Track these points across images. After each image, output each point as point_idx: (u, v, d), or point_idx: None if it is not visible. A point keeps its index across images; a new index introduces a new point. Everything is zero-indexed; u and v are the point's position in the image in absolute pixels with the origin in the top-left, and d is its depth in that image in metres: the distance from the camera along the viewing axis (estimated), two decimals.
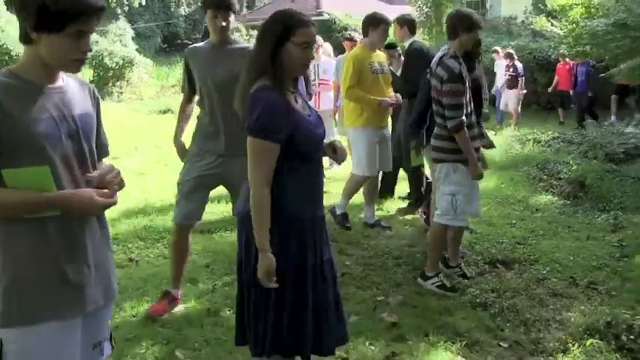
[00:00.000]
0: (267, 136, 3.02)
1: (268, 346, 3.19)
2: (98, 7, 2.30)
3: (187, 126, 4.99)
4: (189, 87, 4.82)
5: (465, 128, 5.12)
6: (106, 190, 2.42)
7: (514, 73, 16.48)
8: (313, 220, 3.29)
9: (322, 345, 3.30)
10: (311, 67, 5.36)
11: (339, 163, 3.67)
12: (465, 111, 5.18)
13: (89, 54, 2.39)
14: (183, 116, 4.96)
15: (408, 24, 7.56)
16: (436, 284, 5.43)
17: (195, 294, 5.20)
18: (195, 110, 4.90)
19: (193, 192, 4.64)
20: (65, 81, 2.44)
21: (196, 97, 4.80)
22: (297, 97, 3.27)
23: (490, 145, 6.21)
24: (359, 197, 7.38)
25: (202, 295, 5.19)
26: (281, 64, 3.11)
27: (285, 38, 3.08)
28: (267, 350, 3.20)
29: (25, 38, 2.28)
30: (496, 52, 18.16)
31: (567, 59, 17.03)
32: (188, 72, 4.79)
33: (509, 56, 17.03)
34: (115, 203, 2.46)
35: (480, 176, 5.39)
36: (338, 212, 7.22)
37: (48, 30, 2.23)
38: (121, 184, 2.50)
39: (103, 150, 2.65)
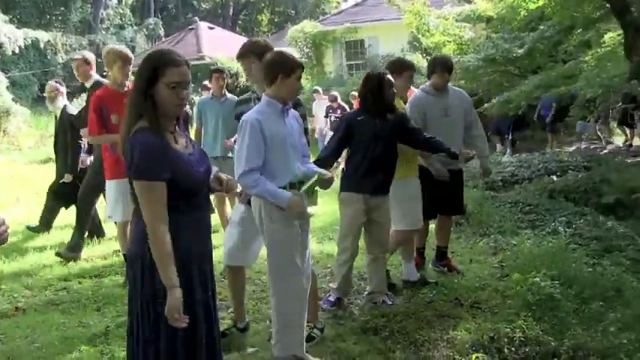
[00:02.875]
0: (150, 177, 3.03)
1: None
2: None
3: None
4: None
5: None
6: None
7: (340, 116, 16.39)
8: (200, 256, 3.31)
9: None
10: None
11: (227, 193, 3.59)
12: None
13: None
14: None
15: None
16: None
17: (87, 337, 5.09)
18: None
19: None
20: None
21: None
22: (177, 137, 3.26)
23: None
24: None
25: (95, 338, 5.07)
26: (155, 106, 3.12)
27: (155, 79, 3.10)
28: None
29: None
30: (316, 91, 18.49)
31: None
32: None
33: (333, 99, 17.33)
34: None
35: None
36: (414, 278, 6.53)
37: None
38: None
39: None
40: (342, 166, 6.42)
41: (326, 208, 8.81)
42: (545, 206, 10.32)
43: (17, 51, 31.61)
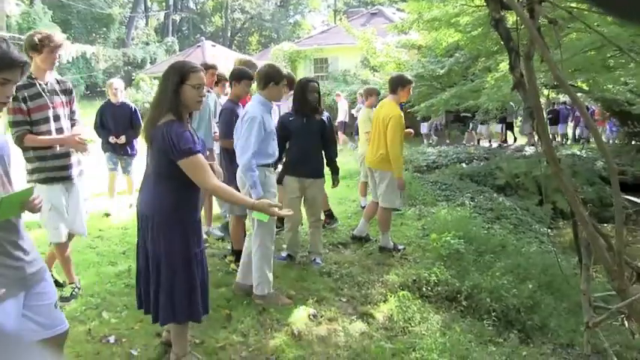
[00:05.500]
0: (193, 152, 2.99)
1: (170, 315, 3.18)
2: (22, 62, 2.24)
3: None
4: None
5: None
6: None
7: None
8: (195, 221, 3.26)
9: (205, 309, 3.34)
10: None
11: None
12: None
13: (10, 98, 2.27)
14: None
15: None
16: None
17: (115, 273, 5.06)
18: None
19: None
20: None
21: None
22: (189, 128, 3.18)
23: None
24: None
25: (121, 274, 5.04)
26: (181, 102, 3.06)
27: (182, 82, 3.05)
28: (164, 319, 3.21)
29: None
30: (338, 95, 18.65)
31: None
32: None
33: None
34: None
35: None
36: (390, 246, 6.16)
37: None
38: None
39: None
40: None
41: None
42: (457, 185, 10.53)
43: (70, 60, 31.17)
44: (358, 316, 4.51)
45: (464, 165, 13.08)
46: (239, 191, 4.31)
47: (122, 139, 7.25)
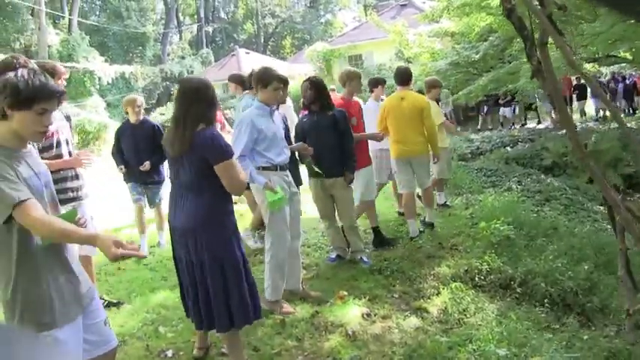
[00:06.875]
0: (232, 154, 3.15)
1: (227, 322, 3.25)
2: (59, 92, 2.32)
3: None
4: None
5: None
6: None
7: None
8: (235, 223, 3.34)
9: (258, 313, 3.39)
10: None
11: None
12: None
13: (50, 127, 2.35)
14: None
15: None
16: None
17: (168, 287, 5.13)
18: None
19: None
20: (29, 145, 2.40)
21: None
22: None
23: None
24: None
25: (173, 288, 5.08)
26: (214, 113, 3.23)
27: (213, 95, 3.23)
28: (222, 327, 3.28)
29: (1, 114, 2.24)
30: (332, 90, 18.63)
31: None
32: None
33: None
34: None
35: None
36: (434, 220, 6.57)
37: (19, 108, 2.22)
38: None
39: None
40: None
41: None
42: (502, 170, 10.35)
43: (110, 81, 32.00)
44: (412, 312, 4.47)
45: (508, 149, 12.88)
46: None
47: (147, 165, 6.14)
